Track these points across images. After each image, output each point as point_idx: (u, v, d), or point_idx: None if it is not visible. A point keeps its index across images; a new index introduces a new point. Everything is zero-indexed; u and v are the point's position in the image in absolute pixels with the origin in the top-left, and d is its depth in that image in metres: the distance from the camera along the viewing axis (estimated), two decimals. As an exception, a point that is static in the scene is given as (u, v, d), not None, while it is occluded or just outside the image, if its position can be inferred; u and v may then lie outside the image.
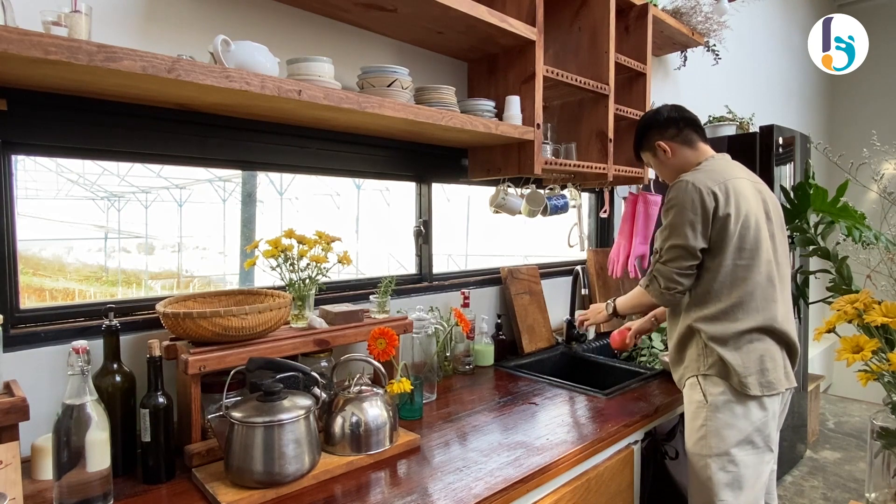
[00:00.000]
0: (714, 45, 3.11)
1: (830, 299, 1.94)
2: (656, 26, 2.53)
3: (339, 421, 1.24)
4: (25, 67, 0.97)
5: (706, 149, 1.65)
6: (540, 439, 1.36)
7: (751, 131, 2.90)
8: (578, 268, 2.40)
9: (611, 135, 2.14)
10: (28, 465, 1.10)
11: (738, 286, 1.47)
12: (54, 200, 1.49)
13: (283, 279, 1.43)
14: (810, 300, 2.64)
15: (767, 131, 2.71)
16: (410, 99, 1.53)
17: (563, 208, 2.17)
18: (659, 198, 2.42)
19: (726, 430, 1.45)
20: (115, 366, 1.18)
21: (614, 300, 1.81)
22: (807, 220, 2.30)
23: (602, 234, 2.90)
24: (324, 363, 1.47)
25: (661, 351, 2.19)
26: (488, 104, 1.75)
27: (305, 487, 1.11)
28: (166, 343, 1.22)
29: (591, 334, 2.39)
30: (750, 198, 1.53)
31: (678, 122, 1.64)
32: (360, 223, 2.15)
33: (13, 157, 1.21)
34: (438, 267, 2.12)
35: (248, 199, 1.82)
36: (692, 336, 1.53)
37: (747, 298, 1.47)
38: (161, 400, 1.13)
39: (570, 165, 1.99)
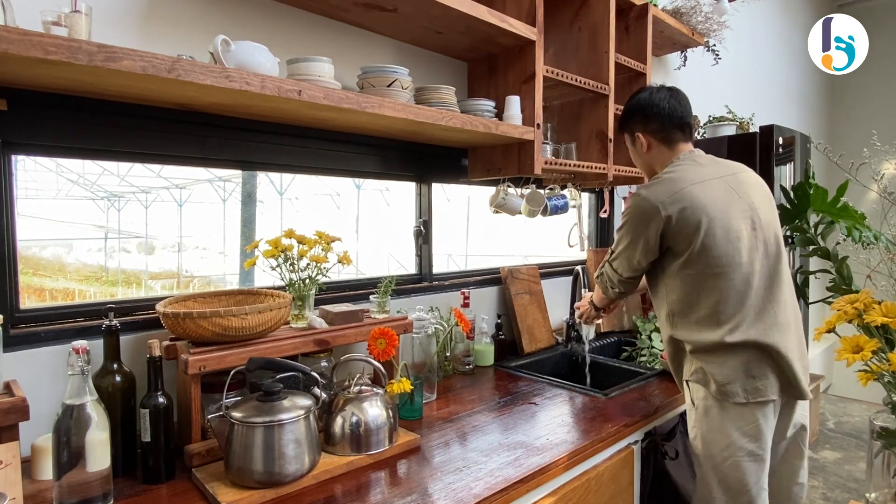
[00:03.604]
0: (714, 45, 3.11)
1: (830, 299, 1.94)
2: (656, 26, 2.53)
3: (339, 421, 1.24)
4: (25, 67, 0.97)
5: (682, 148, 1.56)
6: (540, 439, 1.36)
7: (751, 131, 2.90)
8: (578, 268, 2.40)
9: (611, 135, 2.14)
10: (28, 465, 1.10)
11: (709, 295, 1.41)
12: (54, 200, 1.49)
13: (283, 279, 1.43)
14: (810, 300, 2.64)
15: (767, 131, 2.71)
16: (410, 99, 1.53)
17: (563, 208, 2.17)
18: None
19: (712, 434, 1.43)
20: (115, 366, 1.18)
21: (591, 296, 1.84)
22: (807, 220, 2.29)
23: (602, 234, 2.90)
24: (324, 363, 1.47)
25: (660, 351, 2.19)
26: (488, 104, 1.75)
27: (305, 487, 1.11)
28: (166, 343, 1.22)
29: (591, 334, 2.38)
30: (718, 199, 1.42)
31: (664, 119, 1.54)
32: (360, 223, 2.15)
33: (13, 157, 1.20)
34: (438, 267, 2.12)
35: (248, 199, 1.82)
36: (675, 344, 1.52)
37: (721, 307, 1.40)
38: (161, 400, 1.13)
39: (570, 165, 1.99)
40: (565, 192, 2.22)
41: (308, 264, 1.43)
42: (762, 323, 1.41)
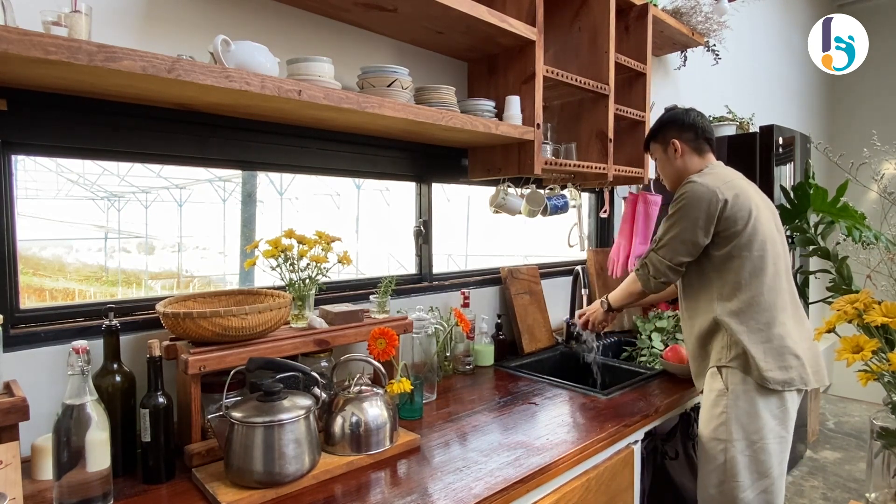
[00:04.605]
0: (714, 45, 3.11)
1: (830, 299, 1.94)
2: (656, 26, 2.53)
3: (339, 421, 1.24)
4: (25, 67, 0.97)
5: (710, 158, 1.73)
6: (540, 439, 1.36)
7: (751, 131, 2.90)
8: (578, 268, 2.40)
9: (611, 135, 2.14)
10: (28, 465, 1.10)
11: (756, 279, 1.54)
12: (54, 200, 1.49)
13: (283, 279, 1.43)
14: (810, 300, 2.64)
15: (767, 131, 2.71)
16: (410, 99, 1.53)
17: (563, 208, 2.17)
18: (659, 198, 2.42)
19: (746, 417, 1.51)
20: (115, 366, 1.18)
21: (607, 296, 1.87)
22: (807, 220, 2.29)
23: (602, 234, 2.90)
24: (324, 363, 1.47)
25: (660, 351, 2.19)
26: (488, 104, 1.75)
27: (305, 487, 1.11)
28: (166, 343, 1.22)
29: (591, 335, 2.38)
30: (756, 197, 1.62)
31: (698, 131, 1.71)
32: (360, 223, 2.15)
33: (13, 157, 1.20)
34: (438, 267, 2.12)
35: (248, 199, 1.82)
36: (717, 329, 1.57)
37: (766, 291, 1.54)
38: (161, 400, 1.13)
39: (570, 165, 1.99)
40: (565, 192, 2.22)
41: (308, 264, 1.43)
42: (792, 313, 1.57)
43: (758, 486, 1.50)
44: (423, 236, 2.03)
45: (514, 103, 1.80)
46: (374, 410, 1.26)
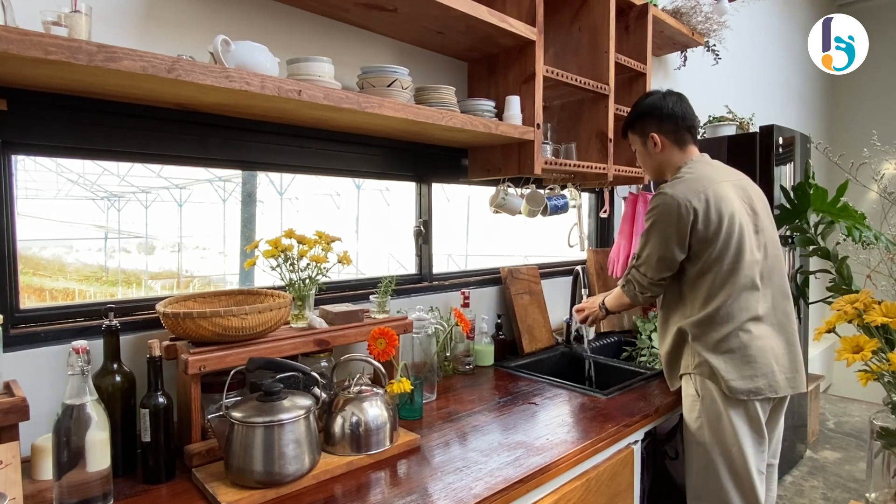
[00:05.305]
0: (714, 45, 3.11)
1: (830, 299, 1.95)
2: (656, 26, 2.53)
3: (339, 421, 1.24)
4: (25, 67, 0.97)
5: (693, 150, 1.65)
6: (540, 439, 1.36)
7: (751, 131, 2.90)
8: (578, 268, 2.40)
9: (611, 135, 2.14)
10: (28, 465, 1.10)
11: (722, 290, 1.49)
12: (54, 200, 1.49)
13: (283, 279, 1.43)
14: (810, 300, 2.64)
15: (767, 131, 2.71)
16: (410, 99, 1.53)
17: (563, 208, 2.17)
18: (659, 198, 2.41)
19: (719, 423, 1.50)
20: (115, 366, 1.18)
21: (604, 300, 1.84)
22: (807, 220, 2.30)
23: (602, 234, 2.91)
24: (324, 363, 1.47)
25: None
26: (488, 104, 1.75)
27: (305, 487, 1.11)
28: (166, 343, 1.22)
29: (591, 334, 2.38)
30: (732, 200, 1.52)
31: (678, 121, 1.62)
32: (360, 223, 2.15)
33: (13, 157, 1.20)
34: (438, 267, 2.12)
35: (248, 199, 1.82)
36: (683, 338, 1.57)
37: (731, 302, 1.48)
38: (161, 400, 1.13)
39: (570, 165, 1.99)
40: (565, 192, 2.22)
41: (308, 264, 1.43)
42: (769, 319, 1.52)
43: (737, 487, 1.50)
44: (423, 236, 2.03)
45: (514, 103, 1.80)
46: (374, 410, 1.26)
